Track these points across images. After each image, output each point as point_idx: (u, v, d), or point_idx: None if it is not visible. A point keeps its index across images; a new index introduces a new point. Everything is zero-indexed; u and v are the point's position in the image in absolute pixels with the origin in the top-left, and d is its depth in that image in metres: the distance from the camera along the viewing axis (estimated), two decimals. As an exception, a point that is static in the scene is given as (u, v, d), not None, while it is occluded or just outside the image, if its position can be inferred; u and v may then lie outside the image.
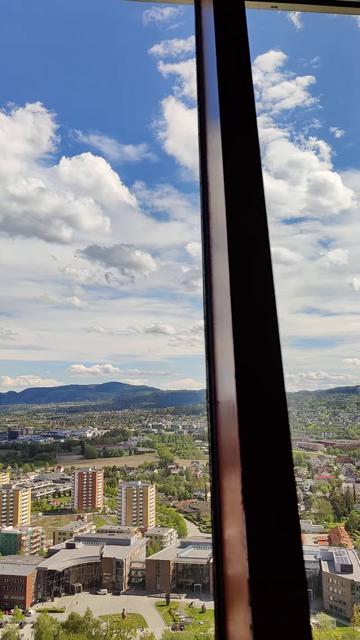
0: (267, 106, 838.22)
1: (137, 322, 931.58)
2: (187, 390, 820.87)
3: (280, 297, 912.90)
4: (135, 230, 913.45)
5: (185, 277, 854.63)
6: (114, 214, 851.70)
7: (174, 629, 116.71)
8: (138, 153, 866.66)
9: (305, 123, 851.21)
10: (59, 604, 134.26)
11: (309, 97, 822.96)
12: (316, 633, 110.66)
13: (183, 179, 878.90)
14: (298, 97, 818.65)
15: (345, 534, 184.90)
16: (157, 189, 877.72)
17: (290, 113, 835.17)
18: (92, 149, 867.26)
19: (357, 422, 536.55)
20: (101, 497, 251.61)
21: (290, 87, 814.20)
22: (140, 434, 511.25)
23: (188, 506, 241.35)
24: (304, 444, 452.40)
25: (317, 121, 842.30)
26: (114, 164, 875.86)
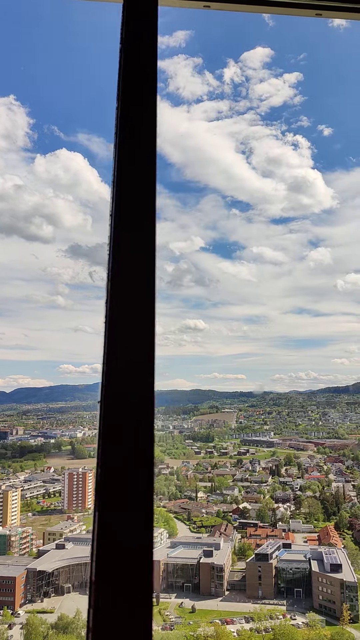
0: (254, 103, 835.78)
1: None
2: (177, 390, 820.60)
3: (270, 298, 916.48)
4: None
5: (170, 276, 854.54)
6: (99, 212, 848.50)
7: (163, 629, 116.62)
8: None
9: (293, 121, 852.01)
10: (48, 605, 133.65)
11: (297, 94, 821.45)
12: (305, 632, 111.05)
13: (172, 179, 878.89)
14: (286, 95, 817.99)
15: (334, 533, 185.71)
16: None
17: (278, 110, 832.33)
18: (80, 147, 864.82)
19: (346, 422, 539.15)
20: (91, 497, 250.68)
21: (277, 83, 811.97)
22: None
23: (178, 506, 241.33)
24: (294, 444, 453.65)
25: (304, 118, 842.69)
26: (102, 163, 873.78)
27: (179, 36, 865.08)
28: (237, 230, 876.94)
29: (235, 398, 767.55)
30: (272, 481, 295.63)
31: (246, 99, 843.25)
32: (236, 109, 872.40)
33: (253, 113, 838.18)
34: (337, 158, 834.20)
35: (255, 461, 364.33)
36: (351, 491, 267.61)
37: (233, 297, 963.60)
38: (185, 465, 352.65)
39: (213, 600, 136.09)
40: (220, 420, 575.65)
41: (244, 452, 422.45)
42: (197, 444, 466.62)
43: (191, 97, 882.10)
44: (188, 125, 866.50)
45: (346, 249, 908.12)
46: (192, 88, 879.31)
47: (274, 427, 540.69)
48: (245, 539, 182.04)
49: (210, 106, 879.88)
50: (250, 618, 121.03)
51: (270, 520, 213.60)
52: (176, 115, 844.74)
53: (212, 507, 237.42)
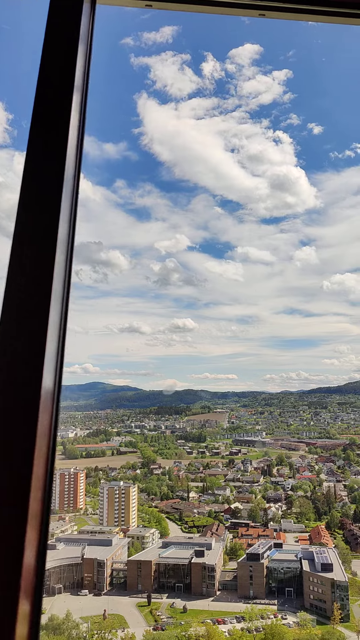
0: (243, 101, 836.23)
1: (114, 322, 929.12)
2: (169, 390, 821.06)
3: (262, 298, 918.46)
4: (116, 229, 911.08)
5: (157, 275, 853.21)
6: (81, 209, 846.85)
7: (155, 629, 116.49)
8: (118, 151, 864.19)
9: (283, 119, 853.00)
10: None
11: (287, 91, 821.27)
12: (296, 632, 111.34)
13: (163, 178, 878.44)
14: (275, 92, 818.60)
15: (325, 533, 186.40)
16: (139, 188, 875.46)
17: (267, 108, 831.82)
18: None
19: (337, 422, 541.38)
20: (83, 498, 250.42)
21: (266, 81, 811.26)
22: (122, 434, 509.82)
23: (170, 506, 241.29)
24: (285, 444, 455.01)
25: (294, 116, 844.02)
26: (94, 162, 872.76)
27: (166, 32, 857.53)
28: (229, 230, 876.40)
29: (227, 398, 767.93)
30: (264, 481, 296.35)
31: (235, 97, 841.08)
32: (224, 106, 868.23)
33: (242, 111, 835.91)
34: (327, 158, 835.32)
35: (247, 461, 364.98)
36: (342, 491, 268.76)
37: (225, 297, 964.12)
38: (177, 465, 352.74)
39: (204, 600, 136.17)
40: (212, 420, 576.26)
41: (235, 452, 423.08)
42: (189, 444, 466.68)
43: (179, 94, 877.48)
44: (176, 123, 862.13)
45: (337, 250, 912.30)
46: (180, 85, 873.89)
47: (265, 427, 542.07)
48: (236, 539, 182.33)
49: (198, 104, 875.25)
50: (242, 618, 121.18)
51: (262, 520, 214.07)
52: (164, 113, 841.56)
53: (204, 507, 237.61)
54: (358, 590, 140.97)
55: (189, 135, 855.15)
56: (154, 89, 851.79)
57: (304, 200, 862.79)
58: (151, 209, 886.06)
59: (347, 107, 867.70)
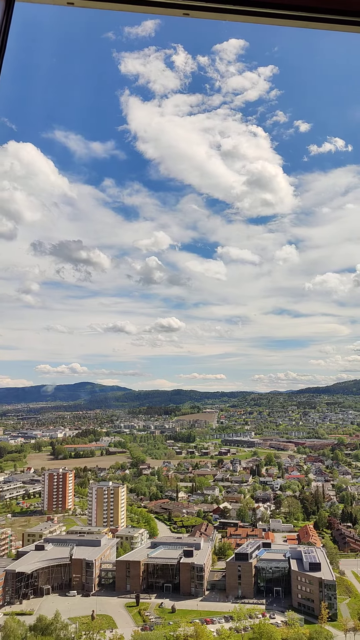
0: (229, 97, 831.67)
1: (102, 322, 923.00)
2: (159, 390, 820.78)
3: (251, 298, 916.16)
4: (104, 228, 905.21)
5: (142, 275, 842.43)
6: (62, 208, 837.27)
7: (143, 629, 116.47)
8: (106, 150, 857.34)
9: (269, 116, 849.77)
10: (27, 607, 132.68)
11: (273, 88, 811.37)
12: (284, 631, 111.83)
13: (152, 177, 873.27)
14: (261, 88, 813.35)
15: (314, 532, 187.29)
16: (127, 187, 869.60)
17: (253, 105, 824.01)
18: (58, 144, 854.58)
19: (326, 422, 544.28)
20: (71, 498, 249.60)
21: (252, 77, 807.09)
22: (112, 434, 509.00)
23: (159, 506, 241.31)
24: (274, 444, 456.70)
25: (280, 113, 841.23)
26: (81, 161, 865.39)
27: (148, 25, 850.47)
28: (217, 230, 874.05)
29: (217, 398, 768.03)
30: (253, 481, 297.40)
31: (219, 93, 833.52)
32: (209, 102, 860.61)
33: (227, 107, 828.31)
34: (314, 159, 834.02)
35: (236, 461, 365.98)
36: (330, 490, 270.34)
37: (214, 297, 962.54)
38: (167, 465, 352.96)
39: (193, 600, 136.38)
40: (202, 420, 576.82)
41: (225, 452, 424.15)
42: (178, 444, 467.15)
43: (162, 90, 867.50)
44: (160, 120, 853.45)
45: (325, 250, 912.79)
46: (164, 81, 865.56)
47: (254, 427, 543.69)
48: (225, 539, 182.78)
49: (182, 100, 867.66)
50: (230, 617, 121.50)
51: (251, 520, 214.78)
52: (148, 110, 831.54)
53: (193, 507, 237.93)
54: (346, 589, 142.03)
55: (175, 133, 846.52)
56: (137, 86, 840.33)
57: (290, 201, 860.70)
58: (140, 208, 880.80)
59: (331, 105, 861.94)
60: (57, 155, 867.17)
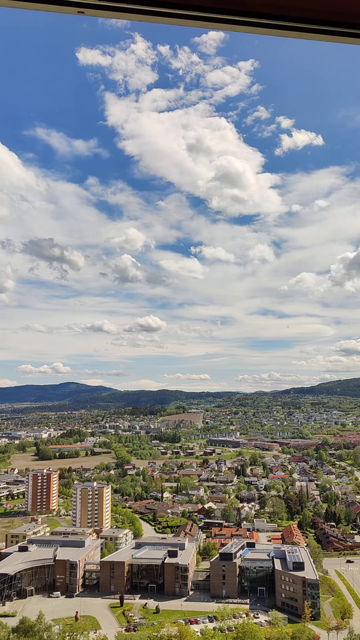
0: (208, 92, 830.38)
1: (85, 321, 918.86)
2: (144, 390, 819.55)
3: (235, 298, 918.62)
4: (88, 226, 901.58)
5: (117, 272, 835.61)
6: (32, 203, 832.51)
7: (127, 630, 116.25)
8: (89, 148, 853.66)
9: (250, 112, 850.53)
10: (10, 608, 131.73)
11: (254, 82, 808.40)
12: (268, 630, 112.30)
13: (135, 176, 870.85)
14: (242, 83, 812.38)
15: (297, 532, 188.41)
16: (111, 185, 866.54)
17: (233, 100, 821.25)
18: (39, 142, 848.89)
19: (310, 422, 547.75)
20: (56, 499, 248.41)
21: (232, 71, 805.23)
22: (97, 434, 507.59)
23: (144, 507, 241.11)
24: (259, 444, 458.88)
25: (261, 109, 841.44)
26: (64, 159, 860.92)
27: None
28: (202, 230, 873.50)
29: (202, 398, 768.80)
30: (238, 481, 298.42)
31: (198, 88, 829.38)
32: (187, 97, 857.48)
33: (206, 103, 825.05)
34: (298, 159, 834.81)
35: (221, 461, 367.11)
36: (314, 490, 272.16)
37: (198, 297, 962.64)
38: (152, 465, 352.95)
39: (177, 600, 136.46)
40: (187, 420, 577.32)
41: (210, 452, 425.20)
42: (163, 444, 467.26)
43: (140, 85, 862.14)
44: (139, 117, 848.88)
45: (309, 251, 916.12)
46: (141, 76, 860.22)
47: (240, 427, 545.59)
48: (210, 539, 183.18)
49: (159, 95, 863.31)
50: (214, 617, 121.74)
51: (235, 520, 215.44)
52: (128, 107, 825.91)
53: (178, 507, 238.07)
54: (329, 588, 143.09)
55: (153, 130, 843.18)
56: (117, 83, 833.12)
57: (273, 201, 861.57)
58: (124, 207, 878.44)
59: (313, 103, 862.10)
60: (39, 153, 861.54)
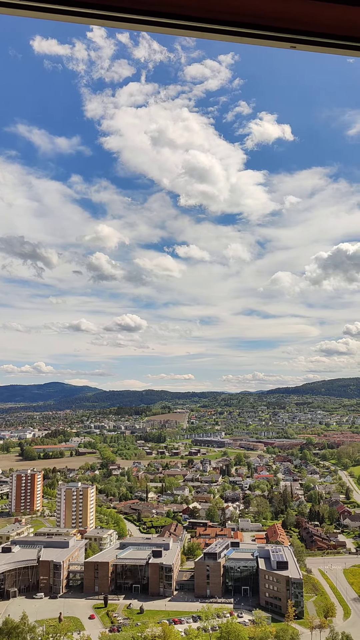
0: (187, 87, 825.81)
1: (57, 320, 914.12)
2: (130, 390, 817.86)
3: (220, 299, 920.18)
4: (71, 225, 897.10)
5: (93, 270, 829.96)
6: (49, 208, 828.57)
7: (111, 631, 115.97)
8: (72, 145, 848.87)
9: (232, 107, 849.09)
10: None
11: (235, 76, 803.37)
12: (252, 629, 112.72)
13: (118, 174, 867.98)
14: (223, 77, 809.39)
15: (282, 531, 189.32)
16: (95, 183, 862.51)
17: (214, 94, 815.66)
18: (20, 139, 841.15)
19: (295, 422, 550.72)
20: (40, 500, 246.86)
21: (212, 65, 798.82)
22: (82, 434, 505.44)
23: (129, 507, 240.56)
24: (244, 444, 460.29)
25: (243, 104, 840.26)
26: (46, 156, 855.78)
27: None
28: (186, 230, 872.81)
29: (188, 398, 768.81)
30: (222, 481, 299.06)
31: (177, 83, 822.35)
32: (166, 92, 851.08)
33: (186, 97, 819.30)
34: (280, 159, 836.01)
35: (206, 461, 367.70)
36: (299, 490, 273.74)
37: (183, 297, 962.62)
38: (137, 465, 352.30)
39: (161, 600, 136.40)
40: (172, 420, 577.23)
41: (195, 452, 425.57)
42: (148, 444, 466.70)
43: (117, 79, 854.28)
44: (115, 112, 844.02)
45: (293, 252, 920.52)
46: (118, 69, 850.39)
47: (225, 427, 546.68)
48: (194, 539, 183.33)
49: (136, 89, 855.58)
50: (198, 617, 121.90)
51: (220, 520, 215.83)
52: (102, 100, 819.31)
53: (163, 507, 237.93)
54: (312, 587, 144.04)
55: (134, 127, 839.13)
56: (95, 76, 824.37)
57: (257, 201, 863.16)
58: (108, 205, 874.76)
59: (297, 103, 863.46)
60: (21, 151, 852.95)
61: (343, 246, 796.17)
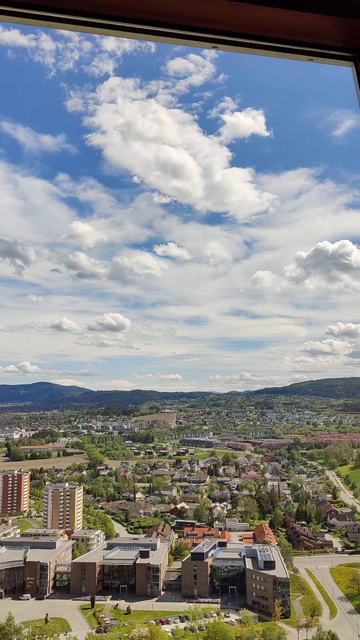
0: (170, 82, 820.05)
1: (39, 319, 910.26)
2: (118, 390, 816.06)
3: (207, 299, 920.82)
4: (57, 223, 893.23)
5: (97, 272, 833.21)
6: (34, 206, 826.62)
7: (98, 631, 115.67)
8: (57, 144, 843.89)
9: (217, 102, 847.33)
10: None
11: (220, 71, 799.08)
12: (238, 629, 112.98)
13: (105, 172, 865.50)
14: (207, 72, 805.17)
15: (269, 531, 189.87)
16: (81, 182, 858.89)
17: (198, 90, 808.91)
18: (5, 136, 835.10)
19: (283, 422, 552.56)
20: (27, 500, 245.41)
21: (196, 59, 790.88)
22: (69, 435, 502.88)
23: (116, 507, 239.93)
24: (232, 444, 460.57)
25: (228, 99, 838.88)
26: (32, 154, 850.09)
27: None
28: (173, 229, 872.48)
29: (176, 398, 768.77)
30: (210, 481, 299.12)
31: (160, 78, 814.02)
32: (148, 87, 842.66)
33: (168, 93, 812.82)
34: (265, 159, 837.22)
35: (194, 461, 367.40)
36: (286, 489, 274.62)
37: (171, 297, 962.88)
38: (124, 466, 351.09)
39: (148, 600, 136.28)
40: (161, 420, 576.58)
41: (183, 453, 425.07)
42: (136, 444, 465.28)
43: (98, 73, 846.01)
44: (97, 108, 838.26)
45: (280, 252, 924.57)
46: (99, 64, 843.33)
47: (213, 428, 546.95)
48: (182, 539, 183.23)
49: (116, 83, 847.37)
50: (185, 617, 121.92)
51: (207, 520, 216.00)
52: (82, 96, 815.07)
53: (150, 507, 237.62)
54: (299, 586, 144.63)
55: (113, 120, 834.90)
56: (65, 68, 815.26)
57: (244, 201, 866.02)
58: (94, 203, 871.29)
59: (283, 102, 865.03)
60: (6, 148, 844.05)
61: (322, 245, 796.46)
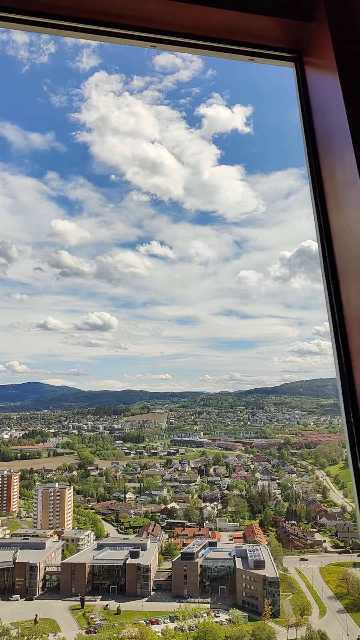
0: (157, 77, 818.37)
1: (27, 319, 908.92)
2: (108, 390, 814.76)
3: (198, 299, 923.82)
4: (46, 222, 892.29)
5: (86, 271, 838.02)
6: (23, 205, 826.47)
7: (88, 632, 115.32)
8: (46, 142, 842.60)
9: (205, 99, 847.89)
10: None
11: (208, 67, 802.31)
12: (228, 629, 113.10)
13: (94, 171, 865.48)
14: (195, 68, 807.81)
15: (259, 530, 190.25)
16: (71, 180, 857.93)
17: (185, 86, 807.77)
18: None
19: (273, 422, 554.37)
20: (16, 501, 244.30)
21: (184, 55, 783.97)
22: (59, 435, 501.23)
23: (107, 507, 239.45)
24: (222, 444, 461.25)
25: (217, 95, 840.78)
26: (21, 152, 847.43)
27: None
28: (163, 229, 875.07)
29: (166, 398, 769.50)
30: (201, 481, 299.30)
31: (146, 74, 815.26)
32: (134, 83, 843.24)
33: (154, 89, 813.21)
34: (255, 158, 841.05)
35: (184, 461, 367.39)
36: (276, 489, 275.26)
37: (162, 297, 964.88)
38: (115, 466, 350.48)
39: (138, 600, 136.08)
40: (151, 420, 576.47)
41: (173, 453, 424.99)
42: (127, 444, 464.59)
43: (83, 68, 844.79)
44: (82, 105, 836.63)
45: (270, 252, 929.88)
46: (85, 59, 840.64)
47: (203, 427, 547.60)
48: (172, 539, 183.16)
49: (101, 78, 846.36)
50: (175, 617, 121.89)
51: (198, 520, 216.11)
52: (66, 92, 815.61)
53: (141, 507, 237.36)
54: (289, 585, 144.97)
55: (99, 117, 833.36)
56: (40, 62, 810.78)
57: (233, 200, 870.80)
58: (83, 202, 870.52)
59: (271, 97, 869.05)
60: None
61: (306, 244, 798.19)
